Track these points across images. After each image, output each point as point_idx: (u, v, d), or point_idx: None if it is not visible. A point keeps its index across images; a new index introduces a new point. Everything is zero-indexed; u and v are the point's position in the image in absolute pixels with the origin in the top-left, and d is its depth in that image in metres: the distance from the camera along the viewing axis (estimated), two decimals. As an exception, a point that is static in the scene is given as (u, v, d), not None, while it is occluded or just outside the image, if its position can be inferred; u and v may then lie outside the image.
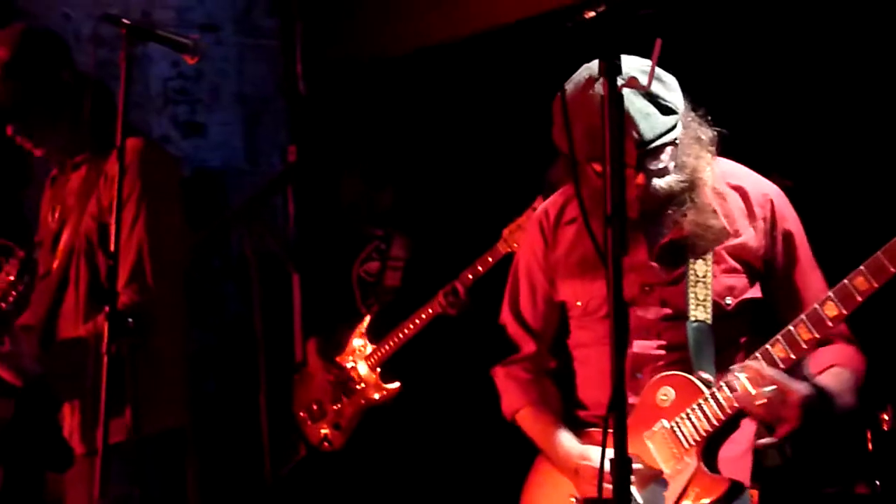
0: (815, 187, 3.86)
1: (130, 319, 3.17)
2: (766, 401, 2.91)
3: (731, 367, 3.00)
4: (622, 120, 2.48)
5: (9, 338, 3.40)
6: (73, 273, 3.62)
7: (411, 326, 4.73)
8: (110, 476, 3.15)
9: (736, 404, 2.96)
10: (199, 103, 6.10)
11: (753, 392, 2.91)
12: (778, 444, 3.00)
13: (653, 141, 2.96)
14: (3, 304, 3.38)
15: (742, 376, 2.94)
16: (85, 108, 3.43)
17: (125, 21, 3.34)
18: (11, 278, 3.41)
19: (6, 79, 3.58)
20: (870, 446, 3.84)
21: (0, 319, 3.39)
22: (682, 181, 3.04)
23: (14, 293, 3.40)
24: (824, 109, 4.20)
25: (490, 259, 4.45)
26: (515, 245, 4.30)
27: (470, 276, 4.50)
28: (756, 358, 2.97)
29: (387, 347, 4.83)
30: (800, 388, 2.93)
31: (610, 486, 2.45)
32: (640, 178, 2.99)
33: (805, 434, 2.98)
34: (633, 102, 2.93)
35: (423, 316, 4.68)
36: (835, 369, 3.06)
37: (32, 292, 3.66)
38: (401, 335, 4.78)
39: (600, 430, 2.55)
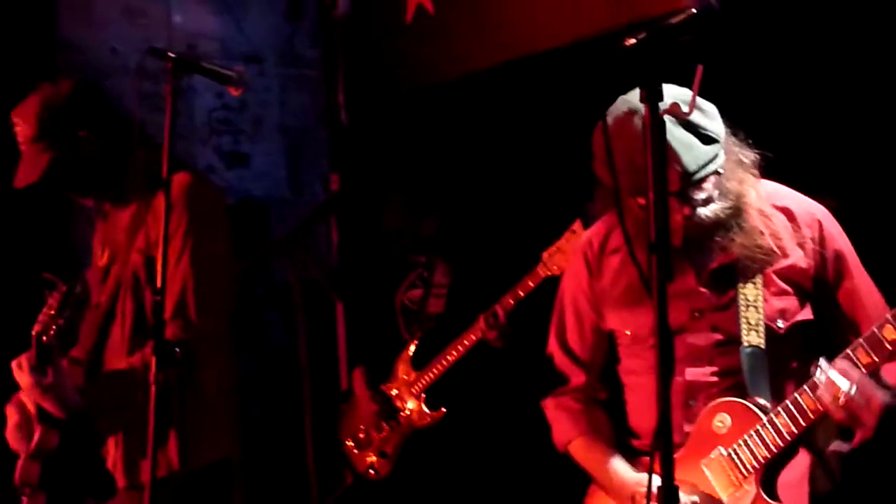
0: (861, 207, 3.83)
1: (178, 349, 3.19)
2: (846, 401, 2.87)
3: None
4: (664, 146, 2.47)
5: (52, 370, 3.43)
6: (119, 307, 3.64)
7: (454, 353, 4.73)
8: None
9: (801, 426, 2.93)
10: (242, 134, 6.15)
11: (836, 391, 2.87)
12: (834, 471, 2.97)
13: (696, 172, 2.95)
14: (45, 338, 3.42)
15: (829, 373, 2.89)
16: (133, 150, 3.46)
17: (171, 54, 3.38)
18: (52, 312, 3.45)
19: (45, 145, 3.60)
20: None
21: (43, 352, 3.42)
22: (727, 208, 3.03)
23: (55, 327, 3.43)
24: (869, 128, 4.17)
25: (530, 283, 4.44)
26: (555, 268, 4.29)
27: (510, 301, 4.49)
28: (847, 357, 2.91)
29: (430, 374, 4.83)
30: (884, 395, 2.90)
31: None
32: (686, 210, 2.99)
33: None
34: (675, 135, 2.92)
35: (466, 342, 4.67)
36: None
37: (80, 325, 3.70)
38: (444, 362, 4.78)
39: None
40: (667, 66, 2.51)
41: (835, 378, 2.88)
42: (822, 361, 2.92)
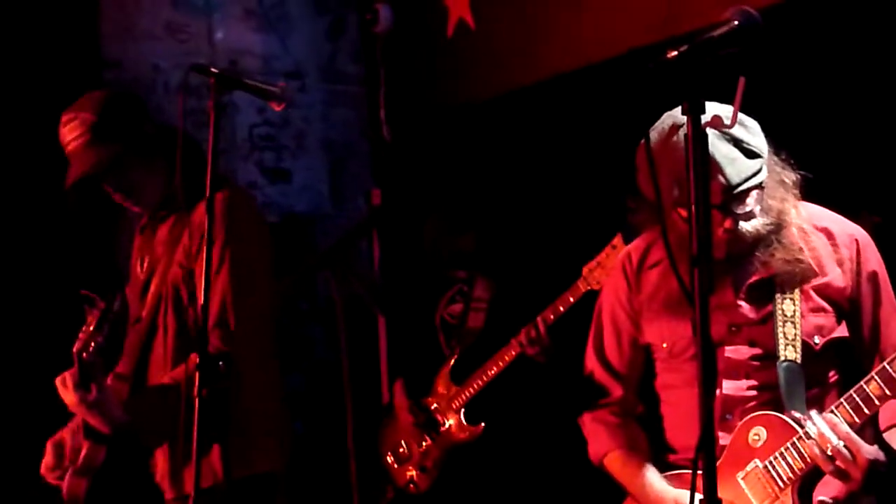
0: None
1: (221, 363, 3.21)
2: (836, 455, 2.90)
3: (808, 414, 2.99)
4: (707, 158, 2.48)
5: (95, 386, 3.45)
6: (160, 320, 3.67)
7: (494, 368, 4.73)
8: None
9: (804, 471, 2.96)
10: (284, 149, 6.19)
11: (824, 443, 2.92)
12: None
13: (739, 185, 2.97)
14: (85, 355, 3.45)
15: (819, 426, 2.94)
16: (177, 162, 3.47)
17: (214, 70, 3.40)
18: (91, 329, 3.48)
19: (96, 141, 3.63)
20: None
21: (85, 369, 3.45)
22: (768, 224, 3.05)
23: (93, 344, 3.46)
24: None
25: (571, 298, 4.43)
26: (596, 283, 4.28)
27: (551, 316, 4.48)
28: (841, 406, 2.95)
29: (471, 389, 4.84)
30: (869, 451, 2.92)
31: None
32: (728, 223, 3.01)
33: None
34: (719, 148, 2.95)
35: (506, 357, 4.67)
36: None
37: (124, 340, 3.73)
38: (484, 377, 4.78)
39: (690, 472, 2.54)
40: (709, 80, 2.51)
41: (824, 431, 2.92)
42: (813, 414, 2.96)
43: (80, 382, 3.44)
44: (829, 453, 2.91)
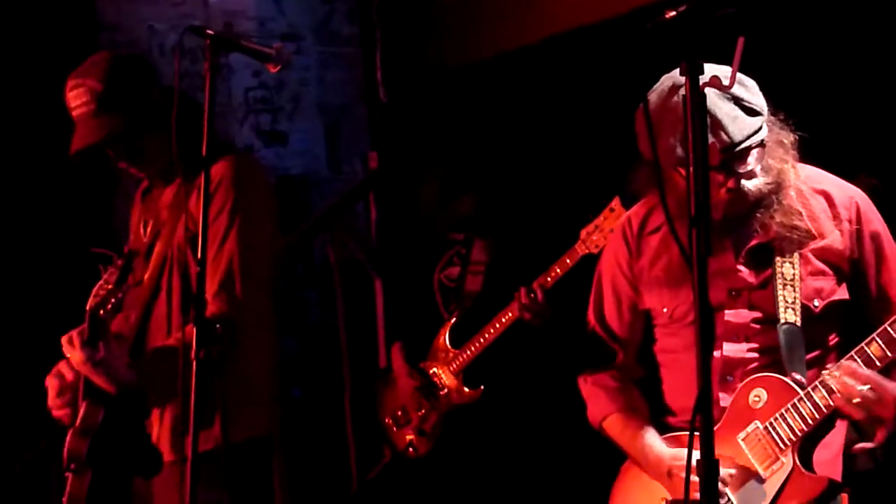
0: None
1: (219, 325, 3.20)
2: (861, 400, 2.91)
3: (826, 368, 2.99)
4: (705, 119, 2.48)
5: (103, 345, 3.45)
6: (164, 283, 3.65)
7: (492, 331, 4.72)
8: (199, 482, 3.19)
9: (832, 404, 2.95)
10: (280, 112, 6.16)
11: (850, 392, 2.91)
12: (875, 449, 2.97)
13: (742, 142, 2.99)
14: (102, 311, 3.44)
15: (838, 375, 2.94)
16: (172, 123, 3.44)
17: (209, 32, 3.38)
18: (111, 286, 3.47)
19: (103, 110, 3.59)
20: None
21: (96, 327, 3.44)
22: (768, 183, 3.06)
23: (112, 300, 3.46)
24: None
25: (568, 261, 4.42)
26: (594, 247, 4.28)
27: (548, 279, 4.47)
28: (852, 358, 2.96)
29: (468, 352, 4.83)
30: (895, 386, 2.92)
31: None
32: (731, 183, 3.02)
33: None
34: (720, 106, 2.97)
35: (504, 320, 4.67)
36: None
37: (124, 301, 3.72)
38: (482, 339, 4.78)
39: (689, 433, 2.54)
40: (707, 40, 2.50)
41: (846, 380, 2.93)
42: (831, 366, 2.98)
43: (88, 341, 3.42)
44: (857, 401, 2.91)
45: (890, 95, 4.14)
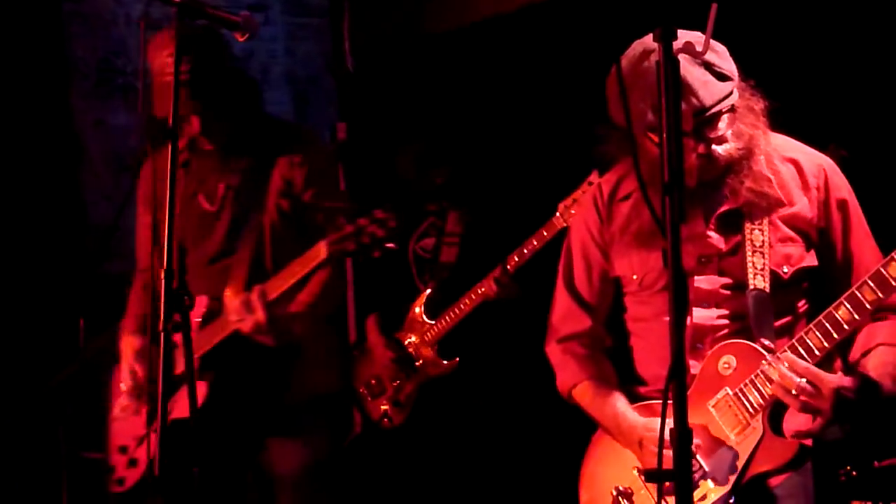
0: (870, 157, 3.82)
1: (185, 297, 3.15)
2: (800, 392, 2.92)
3: (764, 360, 3.01)
4: (678, 85, 2.47)
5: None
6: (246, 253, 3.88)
7: (467, 303, 4.72)
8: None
9: (771, 393, 2.98)
10: (249, 83, 6.11)
11: (787, 383, 2.93)
12: (817, 436, 2.99)
13: (713, 107, 2.98)
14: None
15: (778, 366, 2.96)
16: (139, 98, 3.59)
17: (176, 0, 3.33)
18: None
19: (194, 83, 3.71)
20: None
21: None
22: (739, 149, 3.06)
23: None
24: (879, 78, 4.14)
25: (545, 234, 4.42)
26: (571, 220, 4.27)
27: (525, 251, 4.47)
28: (793, 348, 2.98)
29: (444, 323, 4.83)
30: (832, 379, 2.94)
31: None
32: (701, 148, 3.02)
33: (851, 424, 2.99)
34: (691, 71, 2.96)
35: (476, 294, 4.67)
36: (881, 349, 3.06)
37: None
38: (457, 311, 4.78)
39: (661, 402, 2.53)
40: (680, 6, 2.50)
41: (784, 371, 2.94)
42: (770, 357, 2.99)
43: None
44: (794, 391, 2.92)
45: (862, 68, 4.15)
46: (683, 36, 2.71)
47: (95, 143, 5.54)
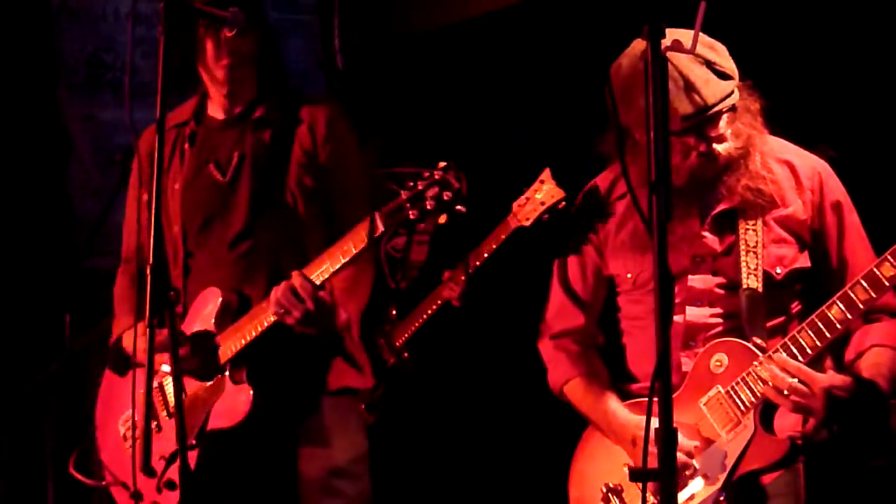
0: (861, 158, 3.83)
1: (172, 293, 3.09)
2: (792, 392, 2.94)
3: (756, 360, 3.01)
4: (666, 84, 2.47)
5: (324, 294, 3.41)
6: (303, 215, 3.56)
7: (434, 306, 4.70)
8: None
9: (762, 393, 2.99)
10: (238, 79, 6.09)
11: (779, 383, 2.95)
12: (810, 436, 2.99)
13: (715, 105, 3.00)
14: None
15: (769, 366, 2.97)
16: (125, 87, 3.40)
17: (164, -5, 3.31)
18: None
19: (251, 23, 3.51)
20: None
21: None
22: (738, 148, 3.08)
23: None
24: (869, 78, 4.15)
25: (501, 235, 4.36)
26: (526, 220, 4.24)
27: (484, 253, 4.42)
28: (785, 346, 2.99)
29: (415, 324, 4.82)
30: (823, 378, 2.95)
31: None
32: (703, 147, 3.04)
33: (843, 424, 3.00)
34: (693, 70, 2.99)
35: (443, 296, 4.65)
36: (874, 350, 3.08)
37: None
38: (425, 314, 4.75)
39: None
40: (669, 5, 2.50)
41: (775, 372, 2.96)
42: (762, 356, 3.00)
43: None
44: (786, 391, 2.93)
45: (852, 68, 4.16)
46: (677, 34, 2.72)
47: (83, 138, 5.52)
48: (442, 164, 3.13)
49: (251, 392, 3.40)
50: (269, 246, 3.52)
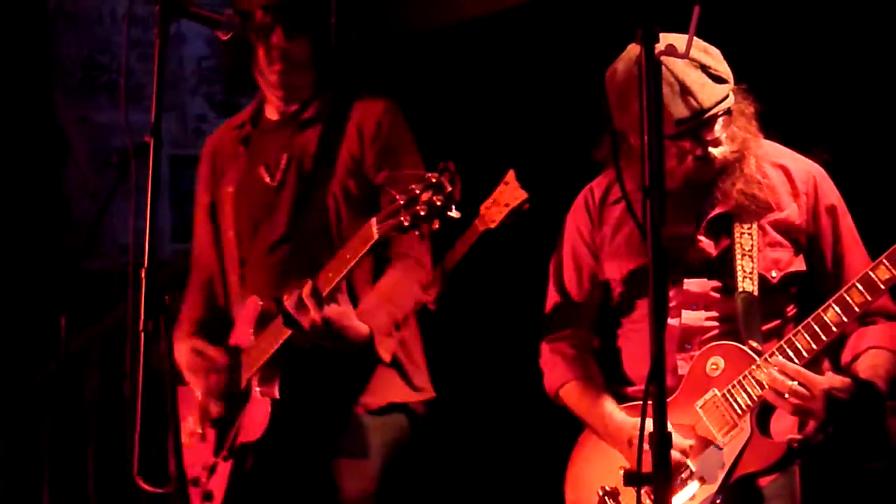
0: (856, 162, 3.84)
1: (166, 296, 3.08)
2: (792, 395, 2.94)
3: (753, 363, 3.02)
4: (660, 88, 2.47)
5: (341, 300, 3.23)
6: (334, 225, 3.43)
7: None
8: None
9: (763, 398, 2.99)
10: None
11: (779, 386, 2.94)
12: (808, 439, 2.99)
13: (711, 109, 3.01)
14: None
15: (768, 369, 2.98)
16: (121, 87, 3.36)
17: (159, -3, 3.31)
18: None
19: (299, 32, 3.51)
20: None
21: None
22: (733, 151, 3.09)
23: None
24: (864, 84, 4.16)
25: (470, 238, 4.33)
26: (492, 222, 4.23)
27: (456, 255, 4.40)
28: (781, 349, 3.00)
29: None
30: (822, 380, 2.95)
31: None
32: (699, 151, 3.05)
33: (842, 427, 2.99)
34: (688, 74, 2.99)
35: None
36: (871, 352, 3.09)
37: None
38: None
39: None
40: (665, 9, 2.50)
41: (775, 375, 2.96)
42: (759, 359, 3.01)
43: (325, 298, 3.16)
44: (786, 394, 2.94)
45: (847, 72, 4.16)
46: (671, 38, 2.73)
47: (79, 140, 5.52)
48: (441, 164, 3.00)
49: (269, 406, 3.28)
50: (306, 251, 3.38)
